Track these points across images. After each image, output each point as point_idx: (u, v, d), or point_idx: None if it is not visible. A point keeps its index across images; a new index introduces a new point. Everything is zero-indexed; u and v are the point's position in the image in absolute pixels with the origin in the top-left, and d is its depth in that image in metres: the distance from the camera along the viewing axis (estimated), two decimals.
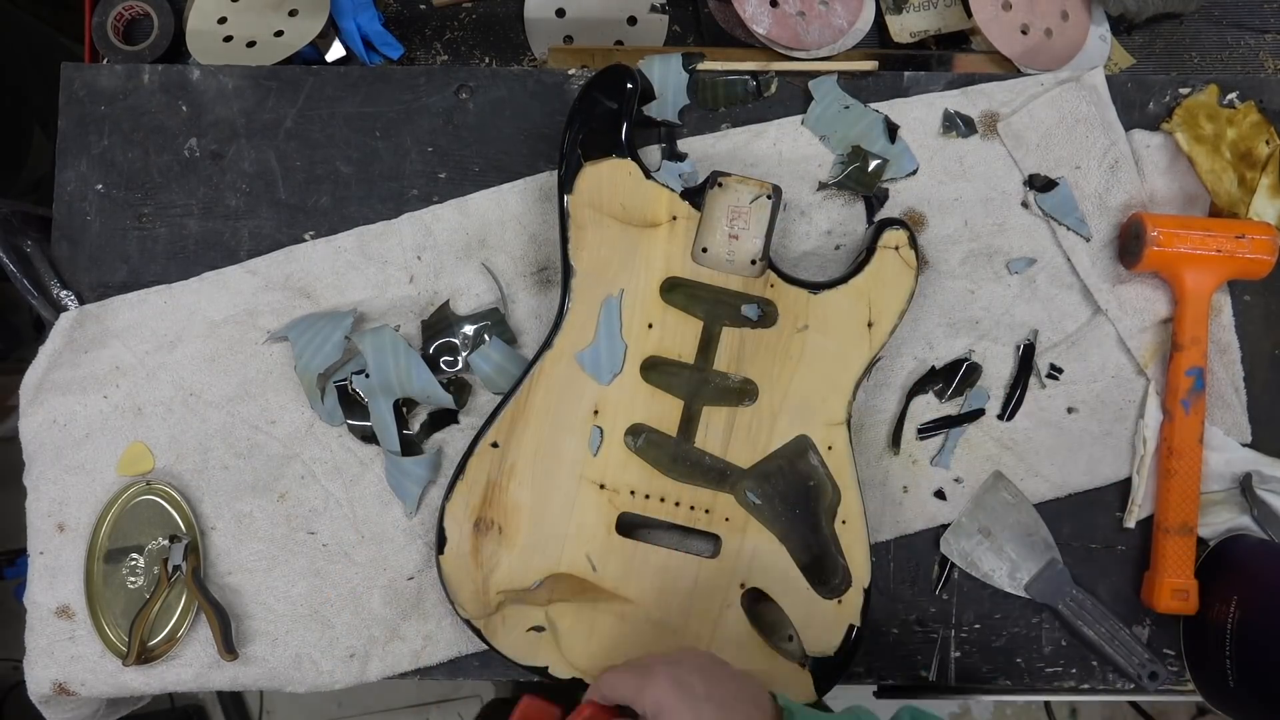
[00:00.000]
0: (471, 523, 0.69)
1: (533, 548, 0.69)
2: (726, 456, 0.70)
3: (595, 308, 0.70)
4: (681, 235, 0.70)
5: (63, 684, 0.73)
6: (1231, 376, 0.77)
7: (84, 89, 0.78)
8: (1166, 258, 0.74)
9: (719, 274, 0.70)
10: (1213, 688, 0.73)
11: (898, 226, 0.71)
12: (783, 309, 0.70)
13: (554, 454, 0.70)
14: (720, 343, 0.70)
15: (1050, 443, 0.76)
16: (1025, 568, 0.74)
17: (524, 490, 0.69)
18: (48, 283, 0.77)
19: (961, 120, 0.78)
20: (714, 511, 0.69)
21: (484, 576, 0.69)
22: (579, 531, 0.69)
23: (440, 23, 0.91)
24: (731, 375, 0.70)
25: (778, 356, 0.70)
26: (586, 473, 0.70)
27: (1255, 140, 0.78)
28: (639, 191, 0.71)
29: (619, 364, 0.70)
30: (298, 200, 0.78)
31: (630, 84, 0.72)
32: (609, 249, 0.70)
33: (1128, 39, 0.92)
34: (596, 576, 0.69)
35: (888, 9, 0.87)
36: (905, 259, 0.70)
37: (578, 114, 0.71)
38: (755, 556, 0.69)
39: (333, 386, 0.74)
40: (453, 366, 0.75)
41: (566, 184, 0.71)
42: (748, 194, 0.71)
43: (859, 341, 0.70)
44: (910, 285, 0.70)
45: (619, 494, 0.69)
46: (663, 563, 0.69)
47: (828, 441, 0.70)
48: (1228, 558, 0.74)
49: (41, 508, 0.75)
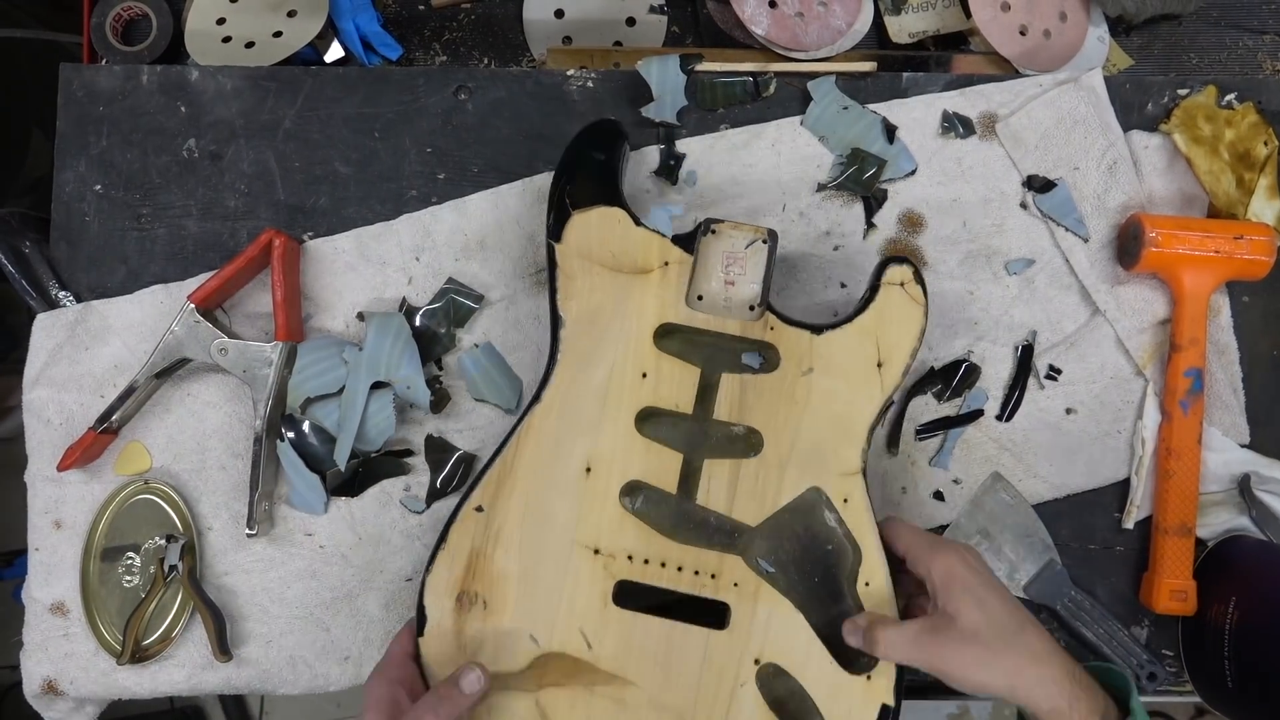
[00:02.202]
0: (454, 597, 0.63)
1: (521, 623, 0.63)
2: (732, 514, 0.64)
3: (584, 359, 0.66)
4: (674, 281, 0.67)
5: (52, 682, 0.73)
6: (1230, 377, 0.77)
7: (82, 89, 0.78)
8: (1165, 259, 0.74)
9: (715, 319, 0.66)
10: (1211, 688, 0.72)
11: (901, 263, 0.68)
12: (785, 352, 0.66)
13: (544, 517, 0.64)
14: (720, 390, 0.66)
15: (1049, 443, 0.76)
16: (1024, 569, 0.74)
17: (511, 558, 0.64)
18: (46, 283, 0.77)
19: (960, 121, 0.78)
20: (721, 576, 0.63)
21: (468, 659, 0.63)
22: (572, 603, 0.63)
23: (439, 23, 0.91)
24: (733, 425, 0.65)
25: (782, 402, 0.65)
26: (579, 537, 0.64)
27: (1253, 141, 0.78)
28: (629, 239, 0.68)
29: None
30: (296, 201, 0.78)
31: (621, 136, 0.71)
32: (599, 297, 0.67)
33: (1126, 40, 0.92)
34: (592, 655, 0.63)
35: (886, 10, 0.87)
36: (912, 295, 0.67)
37: (568, 164, 0.70)
38: (770, 627, 0.63)
39: (307, 414, 0.74)
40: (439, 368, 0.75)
41: (555, 233, 0.68)
42: (743, 239, 0.68)
43: (869, 383, 0.66)
44: (921, 322, 0.66)
45: (615, 560, 0.64)
46: (666, 636, 0.63)
47: (843, 494, 0.64)
48: (1226, 558, 0.74)
49: (39, 505, 0.75)
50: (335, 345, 0.74)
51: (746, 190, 0.77)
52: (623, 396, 0.66)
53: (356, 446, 0.73)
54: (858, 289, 0.77)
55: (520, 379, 0.76)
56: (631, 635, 0.63)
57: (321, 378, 0.73)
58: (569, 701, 0.63)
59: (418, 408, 0.75)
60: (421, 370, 0.73)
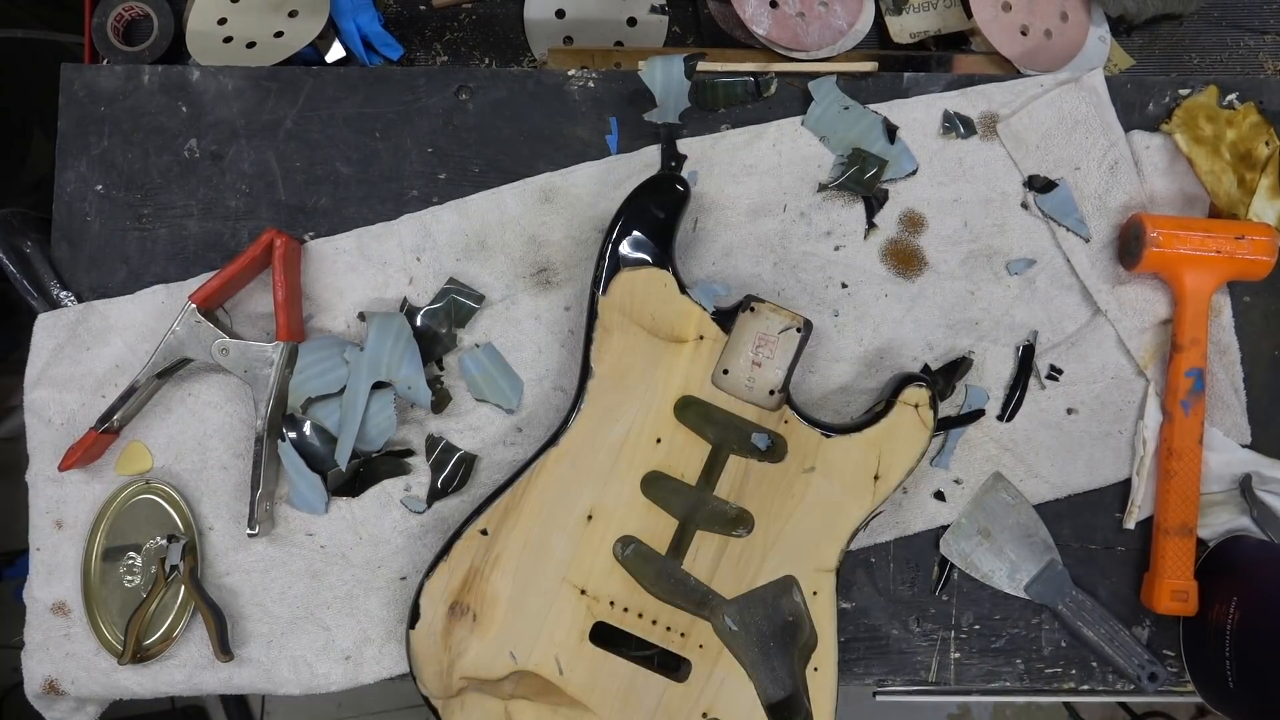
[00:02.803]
0: (447, 605, 0.68)
1: (504, 641, 0.68)
2: (712, 583, 0.69)
3: (605, 413, 0.69)
4: (705, 356, 0.69)
5: (53, 681, 0.73)
6: (1231, 378, 0.77)
7: (84, 90, 0.78)
8: (1166, 259, 0.74)
9: (735, 400, 0.69)
10: (1212, 689, 0.72)
11: (921, 384, 0.70)
12: (793, 446, 0.69)
13: (541, 551, 0.69)
14: (725, 469, 0.69)
15: (1050, 444, 0.76)
16: (1025, 568, 0.74)
17: (505, 582, 0.69)
18: (47, 283, 0.77)
19: (961, 121, 0.78)
20: (689, 636, 0.68)
21: (450, 660, 0.68)
22: (552, 633, 0.68)
23: (440, 23, 0.91)
24: (730, 504, 0.69)
25: (780, 493, 0.69)
26: (570, 575, 0.69)
27: (1255, 141, 0.78)
28: (671, 305, 0.70)
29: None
30: (297, 201, 0.78)
31: (685, 196, 0.71)
32: (631, 357, 0.69)
33: (1127, 40, 0.92)
34: (562, 680, 0.68)
35: (887, 10, 0.87)
36: (923, 419, 0.69)
37: (624, 216, 0.70)
38: (723, 687, 0.68)
39: (308, 414, 0.74)
40: (440, 369, 0.75)
41: (602, 286, 0.70)
42: (778, 323, 0.70)
43: (862, 493, 0.69)
44: (923, 445, 0.69)
45: (599, 602, 0.68)
46: (630, 678, 0.68)
47: (813, 587, 0.69)
48: (1227, 559, 0.74)
49: (40, 505, 0.75)
50: (336, 345, 0.74)
51: (747, 190, 0.77)
52: (635, 456, 0.69)
53: (357, 446, 0.73)
54: (858, 289, 0.77)
55: (520, 379, 0.76)
56: (600, 671, 0.68)
57: (323, 378, 0.73)
58: (534, 714, 0.69)
59: (418, 408, 0.75)
60: (422, 370, 0.73)
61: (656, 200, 0.70)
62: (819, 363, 0.76)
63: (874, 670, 0.75)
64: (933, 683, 0.75)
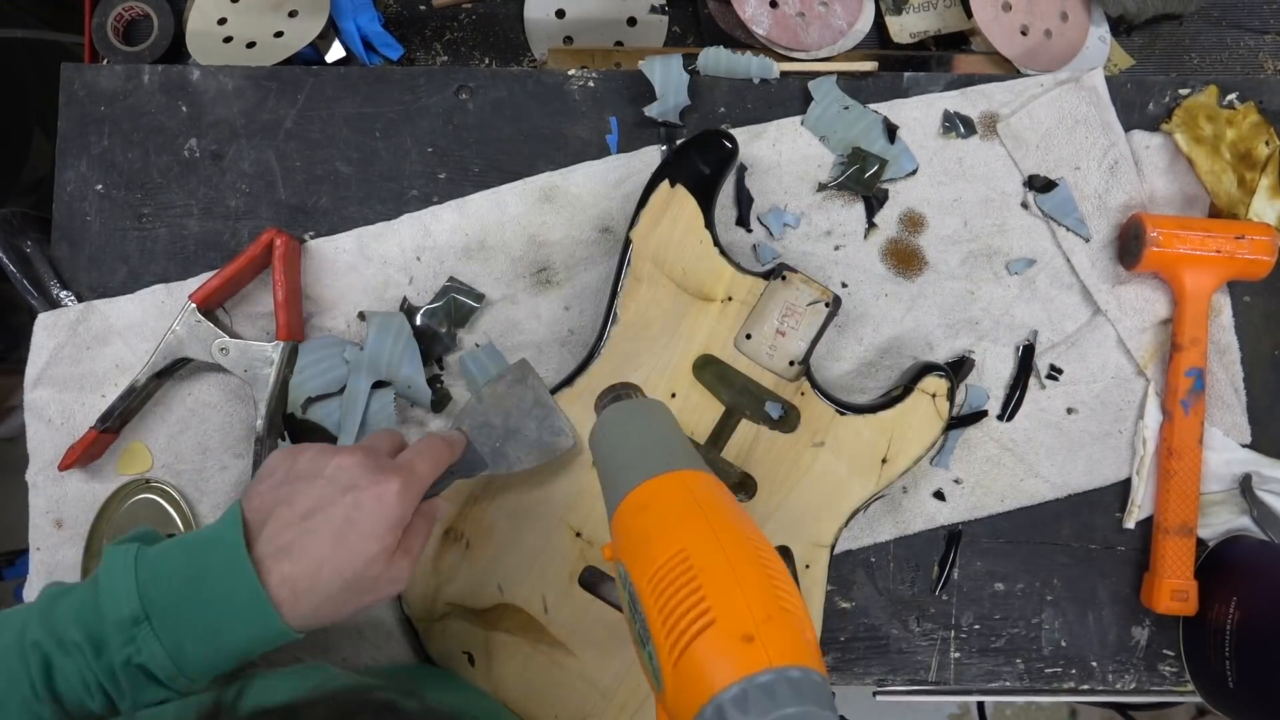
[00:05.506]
0: (443, 529, 0.69)
1: (494, 572, 0.68)
2: None
3: (623, 359, 0.69)
4: (731, 318, 0.69)
5: None
6: (1231, 377, 0.77)
7: (84, 89, 0.78)
8: (1166, 258, 0.74)
9: (755, 366, 0.69)
10: (1212, 689, 0.72)
11: (942, 375, 0.70)
12: (805, 419, 0.69)
13: (542, 491, 0.69)
14: (735, 432, 0.69)
15: (1050, 443, 0.76)
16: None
17: (502, 515, 0.69)
18: (47, 283, 0.77)
19: (961, 121, 0.78)
20: None
21: (438, 585, 0.69)
22: (543, 571, 0.68)
23: (440, 23, 0.91)
24: (735, 467, 0.69)
25: (786, 464, 0.69)
26: (568, 518, 0.69)
27: (1255, 141, 0.78)
28: (704, 263, 0.69)
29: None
30: (297, 201, 0.78)
31: (733, 156, 0.70)
32: (657, 309, 0.69)
33: (1127, 40, 0.92)
34: (546, 619, 0.68)
35: (887, 10, 0.87)
36: (939, 409, 0.69)
37: (670, 168, 0.70)
38: None
39: (308, 413, 0.74)
40: (440, 368, 0.75)
41: (635, 219, 0.69)
42: (808, 295, 0.69)
43: (868, 474, 0.69)
44: (936, 435, 0.69)
45: (592, 547, 0.68)
46: (614, 625, 0.68)
47: (807, 560, 0.69)
48: (1227, 559, 0.74)
49: (40, 504, 0.75)
50: (336, 345, 0.74)
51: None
52: None
53: None
54: (859, 288, 0.77)
55: None
56: (585, 615, 0.68)
57: (323, 377, 0.73)
58: (513, 648, 0.68)
59: (418, 407, 0.75)
60: (422, 370, 0.73)
61: (704, 156, 0.70)
62: (819, 362, 0.76)
63: (874, 670, 0.75)
64: (933, 682, 0.75)
